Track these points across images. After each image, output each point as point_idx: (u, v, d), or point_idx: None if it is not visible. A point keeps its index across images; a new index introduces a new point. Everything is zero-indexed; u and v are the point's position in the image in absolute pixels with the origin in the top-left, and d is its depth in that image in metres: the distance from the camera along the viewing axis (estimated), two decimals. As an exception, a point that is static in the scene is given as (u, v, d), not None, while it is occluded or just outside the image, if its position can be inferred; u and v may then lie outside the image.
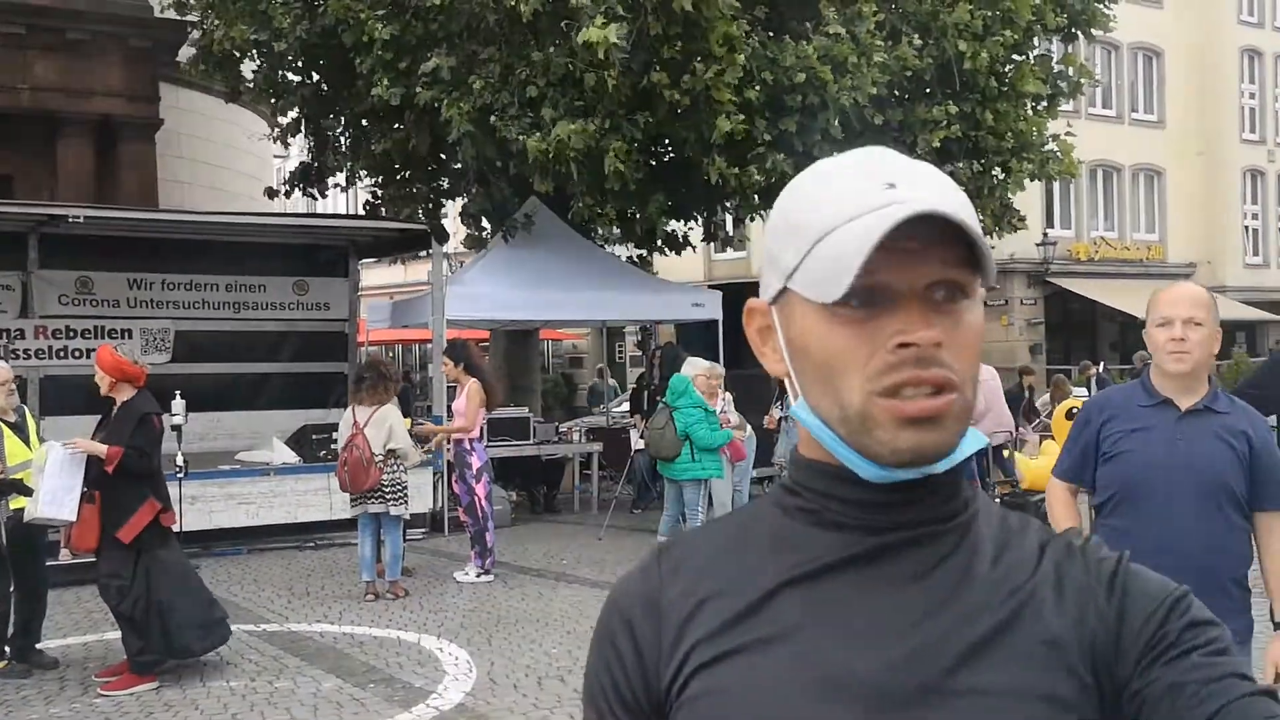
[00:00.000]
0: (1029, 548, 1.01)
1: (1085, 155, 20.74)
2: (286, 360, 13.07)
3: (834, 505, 0.99)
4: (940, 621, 0.94)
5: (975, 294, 0.96)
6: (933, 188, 0.94)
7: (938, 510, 0.99)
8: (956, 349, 0.94)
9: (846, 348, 0.94)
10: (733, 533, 1.06)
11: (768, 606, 0.98)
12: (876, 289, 0.93)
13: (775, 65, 11.27)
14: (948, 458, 0.96)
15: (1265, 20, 30.78)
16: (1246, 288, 29.68)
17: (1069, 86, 14.21)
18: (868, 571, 0.97)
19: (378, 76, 11.55)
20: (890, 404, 0.93)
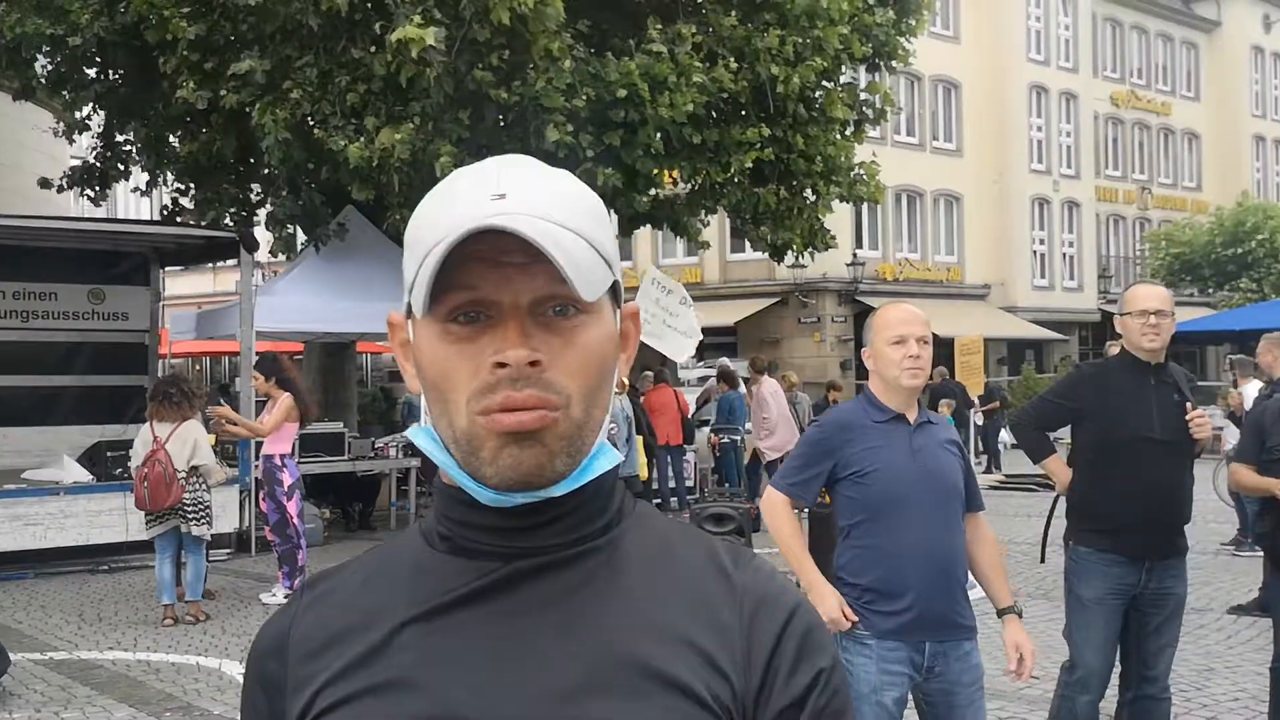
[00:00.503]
0: (682, 566, 0.97)
1: (890, 180, 21.70)
2: (80, 373, 12.41)
3: (467, 532, 0.96)
4: (561, 653, 0.91)
5: (596, 309, 0.94)
6: (544, 200, 0.92)
7: (573, 534, 0.96)
8: (565, 367, 0.92)
9: (453, 367, 0.92)
10: (379, 564, 1.01)
11: (389, 647, 0.93)
12: (481, 304, 0.91)
13: (598, 80, 11.40)
14: (567, 480, 0.93)
15: (1050, 58, 32.92)
16: (1035, 308, 31.57)
17: (874, 114, 14.84)
18: (496, 602, 0.94)
19: (183, 78, 11.11)
20: (489, 419, 0.91)
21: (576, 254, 0.89)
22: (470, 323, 0.92)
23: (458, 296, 0.91)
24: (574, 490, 0.94)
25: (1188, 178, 38.92)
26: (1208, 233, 31.59)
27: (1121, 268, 35.67)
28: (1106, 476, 4.10)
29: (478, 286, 0.91)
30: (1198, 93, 39.28)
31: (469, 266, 0.90)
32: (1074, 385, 4.40)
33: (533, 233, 0.87)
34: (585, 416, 0.93)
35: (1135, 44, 37.34)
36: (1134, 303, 4.15)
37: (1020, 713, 5.94)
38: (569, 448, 0.92)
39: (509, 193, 0.92)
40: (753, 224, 14.05)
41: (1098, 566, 4.14)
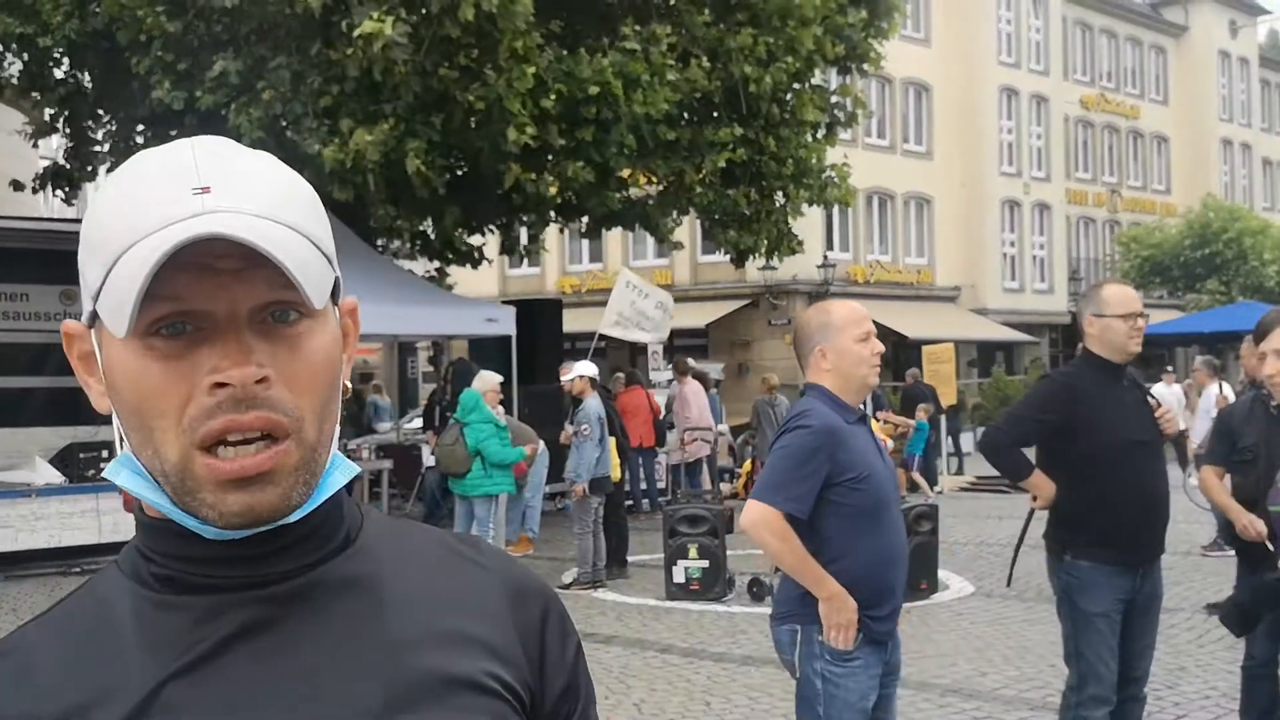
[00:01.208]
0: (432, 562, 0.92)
1: (861, 183, 21.84)
2: (52, 374, 12.24)
3: (193, 568, 0.84)
4: (347, 679, 0.83)
5: (320, 312, 0.83)
6: (256, 194, 0.80)
7: (317, 551, 0.86)
8: (292, 380, 0.81)
9: (159, 388, 0.79)
10: (88, 623, 0.86)
11: (152, 710, 0.80)
12: (189, 315, 0.79)
13: (570, 77, 11.41)
14: (303, 507, 0.83)
15: (1021, 61, 33.18)
16: (1005, 310, 31.81)
17: (845, 116, 14.94)
18: (258, 639, 0.83)
19: (157, 79, 11.05)
20: (210, 462, 0.79)
21: (300, 255, 0.79)
22: (175, 336, 0.79)
23: (160, 307, 0.78)
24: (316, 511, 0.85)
25: (1157, 180, 39.33)
26: (1177, 235, 31.94)
27: (1092, 270, 36.00)
28: (1098, 485, 3.97)
29: (184, 296, 0.78)
30: (1166, 96, 39.72)
31: (172, 274, 0.77)
32: (1050, 397, 4.18)
33: (254, 238, 0.76)
34: (318, 436, 0.83)
35: (1105, 48, 37.70)
36: (1118, 305, 4.02)
37: (996, 713, 6.00)
38: (305, 478, 0.82)
39: (214, 186, 0.79)
40: (720, 227, 14.11)
41: (1101, 579, 3.99)
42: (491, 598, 0.91)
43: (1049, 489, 4.09)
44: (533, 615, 0.93)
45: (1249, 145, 42.06)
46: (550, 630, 0.93)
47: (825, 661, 3.20)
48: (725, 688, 6.57)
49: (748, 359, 27.28)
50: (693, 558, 9.07)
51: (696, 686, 6.62)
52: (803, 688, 3.28)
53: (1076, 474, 4.03)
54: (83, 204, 31.05)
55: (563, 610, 0.96)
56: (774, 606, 3.48)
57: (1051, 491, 4.09)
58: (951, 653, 7.18)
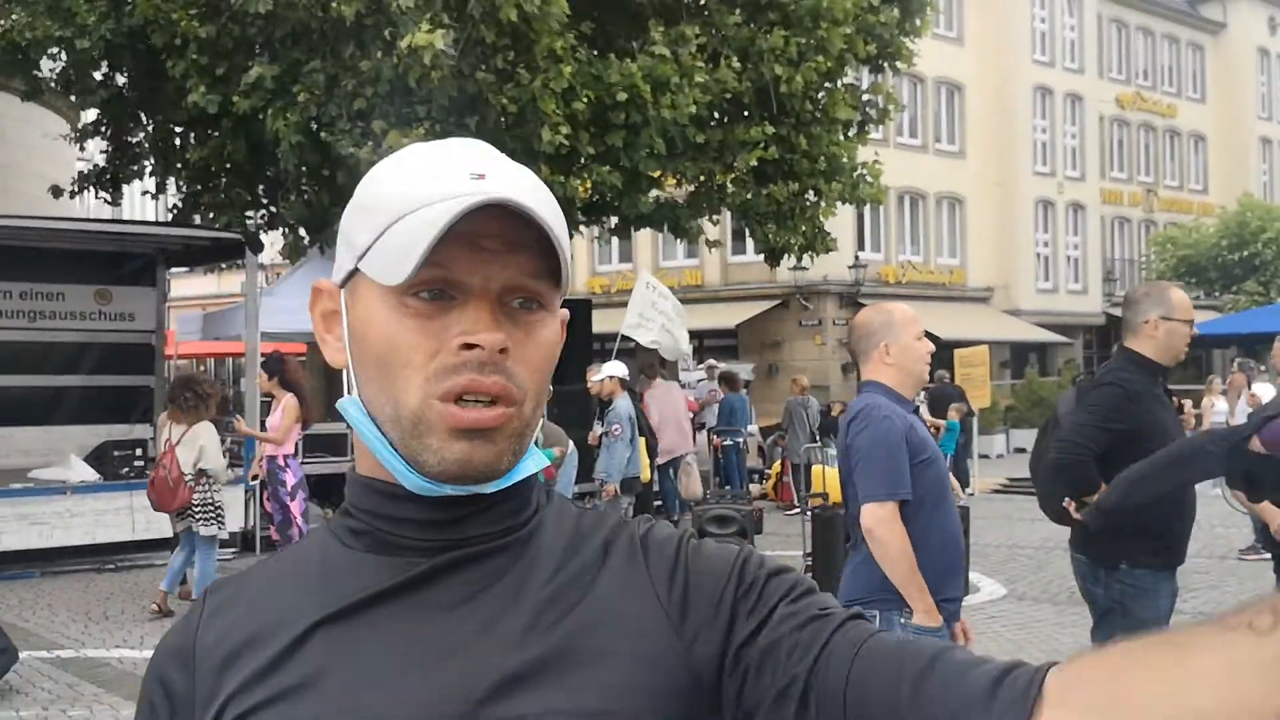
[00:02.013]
0: (592, 552, 0.94)
1: (892, 182, 21.72)
2: (87, 373, 12.43)
3: (384, 525, 0.92)
4: (479, 649, 0.87)
5: (553, 309, 0.92)
6: (523, 186, 0.89)
7: (492, 526, 0.92)
8: (524, 361, 0.89)
9: (410, 341, 0.88)
10: (285, 566, 0.96)
11: (300, 651, 0.88)
12: (449, 283, 0.87)
13: (599, 82, 11.42)
14: (502, 479, 0.90)
15: (1056, 60, 32.90)
16: (1038, 311, 31.55)
17: (877, 114, 14.84)
18: (412, 599, 0.89)
19: (192, 82, 11.14)
20: (446, 409, 0.87)
21: (561, 242, 0.88)
22: (433, 300, 0.87)
23: (426, 272, 0.85)
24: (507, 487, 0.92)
25: (1194, 180, 38.88)
26: (1213, 235, 31.56)
27: (1126, 270, 35.64)
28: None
29: (448, 266, 0.86)
30: (1203, 95, 39.25)
31: (443, 245, 0.85)
32: (1121, 405, 3.99)
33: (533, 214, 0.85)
34: (533, 415, 0.91)
35: (1141, 45, 37.31)
36: (1185, 310, 3.97)
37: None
38: (516, 446, 0.90)
39: (488, 174, 0.88)
40: (757, 224, 14.07)
41: (1159, 585, 3.96)
42: (635, 570, 0.93)
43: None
44: (668, 577, 0.92)
45: (1288, 144, 41.52)
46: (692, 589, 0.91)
47: None
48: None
49: (778, 359, 27.20)
50: (721, 558, 9.03)
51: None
52: None
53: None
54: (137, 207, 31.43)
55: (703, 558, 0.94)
56: (844, 598, 3.44)
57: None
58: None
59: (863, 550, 3.44)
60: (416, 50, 10.07)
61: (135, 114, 13.38)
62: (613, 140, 11.62)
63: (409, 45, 10.09)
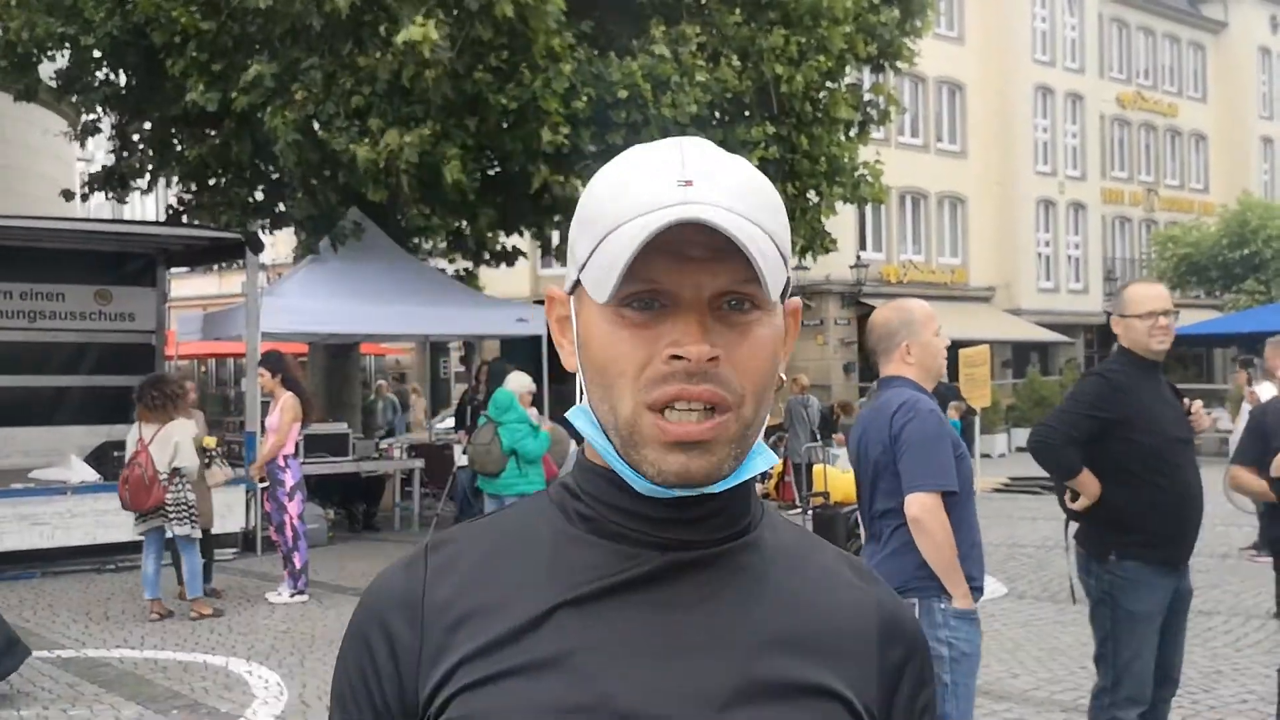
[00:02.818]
0: (818, 569, 0.98)
1: (894, 182, 21.70)
2: (87, 373, 12.43)
3: (615, 516, 0.94)
4: (719, 652, 0.90)
5: (770, 306, 0.91)
6: (731, 191, 0.89)
7: (725, 529, 0.94)
8: (740, 364, 0.90)
9: (623, 352, 0.90)
10: (510, 535, 0.97)
11: (544, 627, 0.90)
12: (659, 294, 0.89)
13: (600, 80, 11.41)
14: (727, 479, 0.91)
15: (1056, 60, 32.87)
16: (1040, 310, 31.53)
17: (878, 114, 14.84)
18: (651, 594, 0.92)
19: (192, 80, 11.14)
20: (657, 422, 0.88)
21: (763, 250, 0.87)
22: (644, 309, 0.89)
23: (636, 284, 0.88)
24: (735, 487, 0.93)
25: (1195, 179, 38.85)
26: (1214, 234, 31.53)
27: (1127, 270, 35.61)
28: (1147, 484, 3.97)
29: (657, 278, 0.88)
30: (1204, 94, 39.21)
31: (650, 257, 0.86)
32: (1104, 394, 4.12)
33: (731, 228, 0.85)
34: (754, 416, 0.91)
35: (1142, 45, 37.28)
36: (1140, 304, 4.05)
37: (1027, 715, 5.93)
38: (736, 450, 0.90)
39: (696, 180, 0.88)
40: (757, 225, 14.06)
41: (1149, 579, 3.99)
42: (864, 624, 0.97)
43: (1096, 488, 4.07)
44: (897, 652, 0.97)
45: (1289, 143, 41.46)
46: (909, 672, 0.98)
47: (950, 629, 3.42)
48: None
49: (779, 359, 27.18)
50: (722, 558, 9.03)
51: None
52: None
53: (1125, 473, 4.01)
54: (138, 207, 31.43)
55: (928, 657, 1.01)
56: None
57: (1097, 491, 4.06)
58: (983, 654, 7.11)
59: (892, 541, 3.49)
60: (412, 45, 10.05)
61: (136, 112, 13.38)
62: (613, 139, 11.61)
63: (404, 41, 10.07)
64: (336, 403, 14.37)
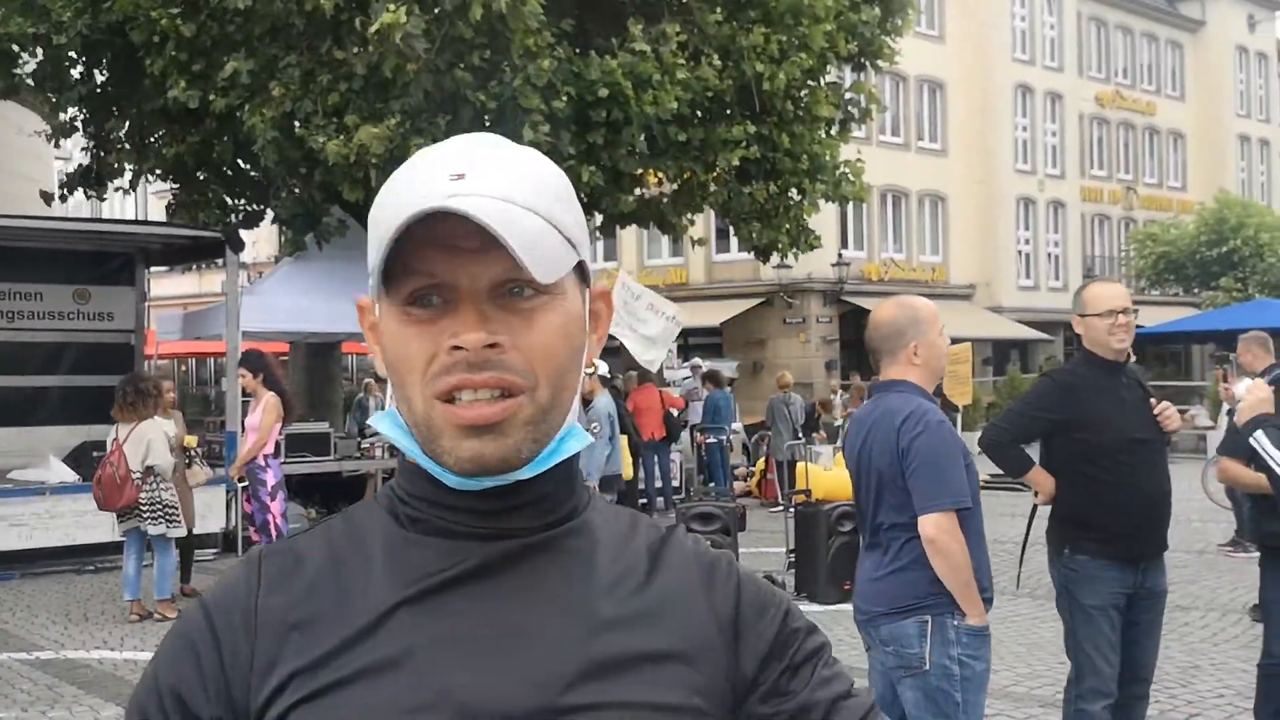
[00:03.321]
0: (639, 550, 0.98)
1: (875, 180, 21.76)
2: (65, 373, 12.36)
3: (439, 513, 0.94)
4: (556, 635, 0.91)
5: (558, 291, 0.92)
6: (505, 180, 0.90)
7: (548, 515, 0.95)
8: (527, 350, 0.90)
9: (411, 349, 0.91)
10: (342, 542, 0.97)
11: (380, 630, 0.91)
12: (441, 288, 0.90)
13: (580, 79, 11.40)
14: (534, 463, 0.92)
15: (1036, 58, 33.03)
16: (1020, 308, 31.68)
17: (859, 113, 14.87)
18: (484, 584, 0.92)
19: (172, 79, 11.08)
20: (447, 409, 0.90)
21: (534, 236, 0.88)
22: (428, 306, 0.91)
23: (415, 281, 0.90)
24: (544, 472, 0.93)
25: (1173, 177, 39.10)
26: (1192, 232, 31.75)
27: (1107, 268, 35.81)
28: (1098, 482, 4.04)
29: (435, 272, 0.89)
30: (1183, 92, 39.47)
31: (424, 251, 0.88)
32: (1050, 395, 4.26)
33: (484, 216, 0.85)
34: (551, 399, 0.92)
35: (1120, 44, 37.50)
36: (1099, 303, 4.10)
37: (1006, 709, 5.97)
38: (534, 433, 0.91)
39: (468, 172, 0.90)
40: (741, 223, 14.09)
41: (1100, 573, 4.07)
42: (690, 582, 0.97)
43: (1049, 484, 4.17)
44: (725, 599, 0.97)
45: (1267, 141, 41.75)
46: (744, 612, 0.97)
47: (962, 646, 3.31)
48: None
49: (762, 357, 27.25)
50: (704, 556, 9.05)
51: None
52: (934, 678, 3.32)
53: (1077, 471, 4.10)
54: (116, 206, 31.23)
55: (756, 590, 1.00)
56: (885, 604, 3.40)
57: (1051, 487, 4.17)
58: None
59: (902, 556, 3.36)
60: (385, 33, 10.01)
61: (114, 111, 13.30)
62: (594, 138, 11.60)
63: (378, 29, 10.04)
64: (318, 402, 14.33)
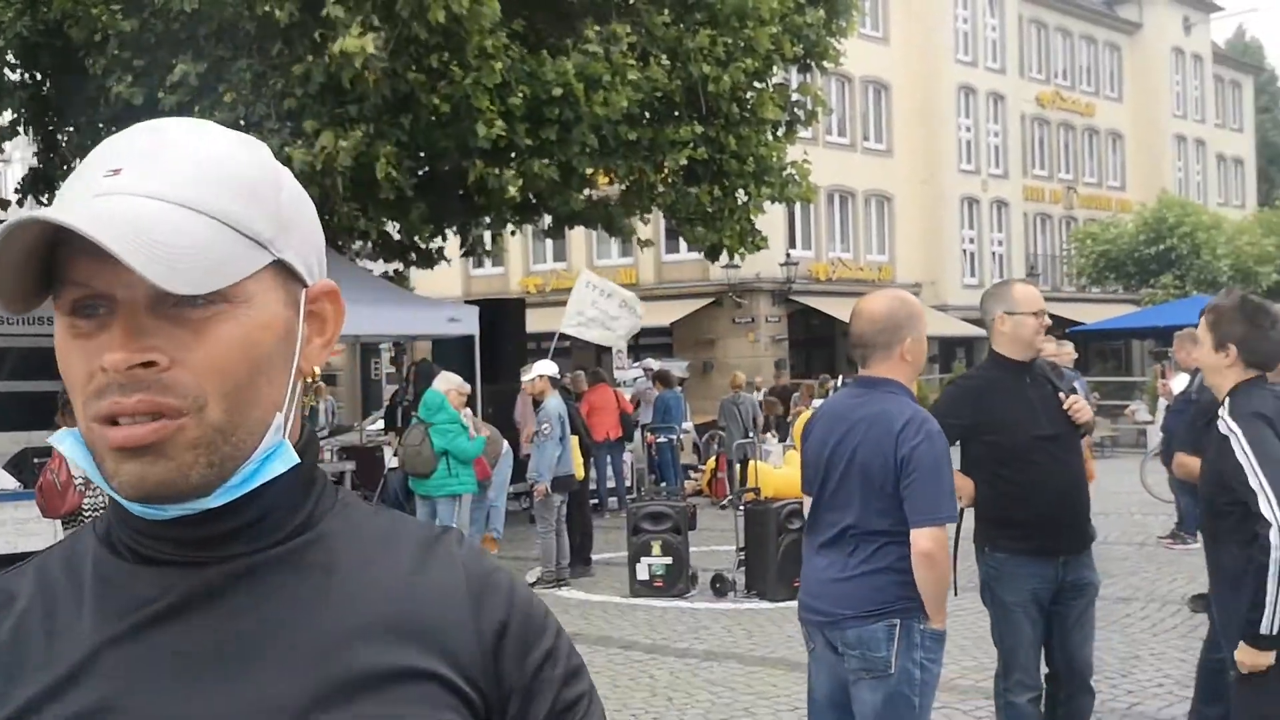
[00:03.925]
0: (397, 558, 0.89)
1: (822, 180, 21.93)
2: (5, 378, 12.14)
3: (145, 540, 0.85)
4: (289, 657, 0.83)
5: (242, 296, 0.82)
6: (171, 174, 0.81)
7: (271, 536, 0.86)
8: (195, 365, 0.80)
9: (74, 365, 0.82)
10: (57, 575, 0.88)
11: (88, 672, 0.82)
12: (100, 299, 0.80)
13: (533, 78, 11.42)
14: (222, 490, 0.83)
15: (978, 60, 33.48)
16: (965, 306, 32.04)
17: (805, 114, 15.01)
18: (200, 616, 0.83)
19: (116, 76, 10.93)
20: (105, 431, 0.81)
21: (181, 239, 0.78)
22: (90, 317, 0.81)
23: (74, 290, 0.80)
24: (254, 494, 0.85)
25: (1112, 177, 39.81)
26: (1131, 231, 32.36)
27: (1049, 266, 36.38)
28: (1011, 481, 4.13)
29: (90, 282, 0.80)
30: (1120, 94, 40.20)
31: (78, 259, 0.79)
32: (957, 401, 4.33)
33: (103, 224, 0.75)
34: (229, 419, 0.82)
35: (1060, 46, 38.11)
36: (1030, 302, 4.16)
37: (952, 702, 6.06)
38: (207, 456, 0.81)
39: (125, 167, 0.81)
40: (687, 224, 14.17)
41: (1017, 569, 4.14)
42: (454, 594, 0.88)
43: (969, 487, 4.22)
44: (493, 616, 0.89)
45: (1203, 141, 42.66)
46: (508, 636, 0.89)
47: (925, 649, 3.30)
48: (687, 683, 6.61)
49: (712, 356, 27.37)
50: (656, 554, 9.11)
51: (659, 683, 6.65)
52: (898, 683, 3.27)
53: (989, 472, 4.19)
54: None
55: (528, 610, 0.92)
56: (853, 607, 3.32)
57: (970, 489, 4.23)
58: (912, 645, 7.25)
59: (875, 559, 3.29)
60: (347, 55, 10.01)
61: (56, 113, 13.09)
62: (547, 134, 11.62)
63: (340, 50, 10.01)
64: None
